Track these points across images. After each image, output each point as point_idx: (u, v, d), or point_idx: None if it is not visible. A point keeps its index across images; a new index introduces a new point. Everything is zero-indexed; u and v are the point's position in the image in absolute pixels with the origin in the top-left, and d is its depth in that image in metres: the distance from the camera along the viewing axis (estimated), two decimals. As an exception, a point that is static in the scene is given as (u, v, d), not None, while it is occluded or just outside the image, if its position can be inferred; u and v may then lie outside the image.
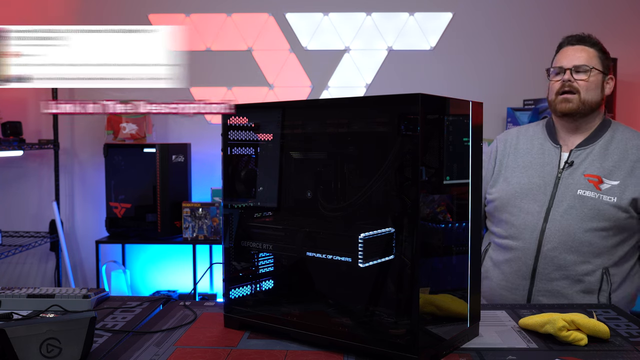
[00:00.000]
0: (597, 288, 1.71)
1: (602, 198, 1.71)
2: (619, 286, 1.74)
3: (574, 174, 1.76)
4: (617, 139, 1.80)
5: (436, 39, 3.57)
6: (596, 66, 1.79)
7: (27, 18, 3.64)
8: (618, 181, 1.72)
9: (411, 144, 1.11)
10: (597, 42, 1.83)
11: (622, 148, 1.77)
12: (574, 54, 1.80)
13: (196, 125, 3.65)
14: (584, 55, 1.80)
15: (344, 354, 1.21)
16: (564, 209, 1.74)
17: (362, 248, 1.16)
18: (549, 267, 1.73)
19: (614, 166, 1.74)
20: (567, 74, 1.78)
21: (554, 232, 1.73)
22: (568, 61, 1.80)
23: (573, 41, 1.83)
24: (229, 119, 1.40)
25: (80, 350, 1.15)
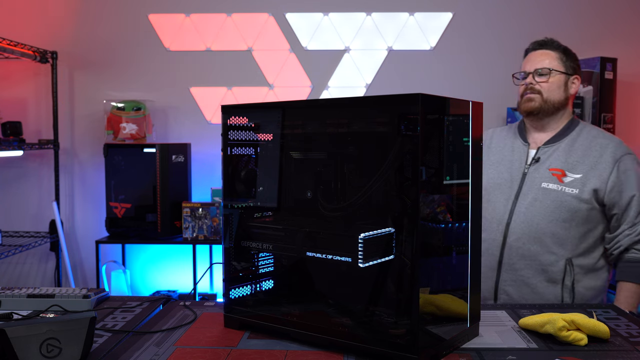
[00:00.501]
0: (560, 278, 1.79)
1: (565, 190, 1.80)
2: (584, 277, 1.81)
3: (540, 169, 1.87)
4: (582, 136, 1.89)
5: (436, 39, 3.57)
6: (557, 68, 1.90)
7: (27, 18, 3.64)
8: (581, 174, 1.81)
9: (411, 144, 1.11)
10: (560, 45, 1.96)
11: (587, 145, 1.86)
12: (536, 59, 1.93)
13: (196, 125, 3.65)
14: (545, 58, 1.92)
15: (344, 354, 1.21)
16: (528, 202, 1.84)
17: (362, 248, 1.16)
18: (514, 257, 1.83)
19: (577, 161, 1.84)
20: (530, 78, 1.91)
21: (519, 223, 1.83)
22: (530, 65, 1.93)
23: (536, 46, 1.97)
24: (229, 118, 1.40)
25: (80, 350, 1.15)
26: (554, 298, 1.80)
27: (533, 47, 1.98)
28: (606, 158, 1.81)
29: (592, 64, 3.24)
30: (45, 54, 3.51)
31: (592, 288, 1.82)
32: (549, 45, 1.95)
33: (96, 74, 3.66)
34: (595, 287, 1.83)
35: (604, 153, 1.82)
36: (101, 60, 3.66)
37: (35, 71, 3.65)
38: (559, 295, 1.79)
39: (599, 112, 3.22)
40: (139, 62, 3.65)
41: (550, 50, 1.94)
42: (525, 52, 2.00)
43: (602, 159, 1.81)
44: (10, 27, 3.56)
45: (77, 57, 3.66)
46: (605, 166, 1.80)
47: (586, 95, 3.27)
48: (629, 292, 1.79)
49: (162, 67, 3.64)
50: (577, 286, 1.79)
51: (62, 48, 3.61)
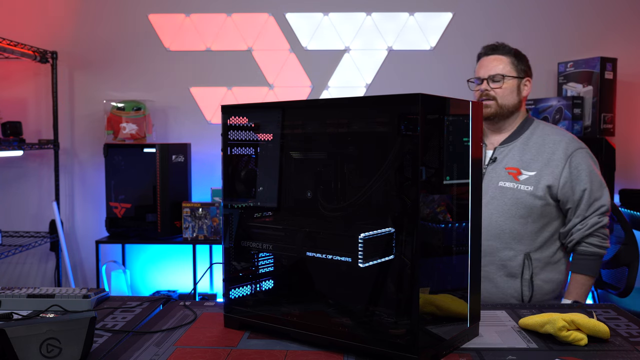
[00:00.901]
0: (519, 272, 1.85)
1: (520, 187, 1.86)
2: (542, 270, 1.88)
3: (497, 168, 1.92)
4: (536, 135, 1.95)
5: (436, 39, 3.57)
6: (509, 73, 1.96)
7: (27, 18, 3.64)
8: (535, 172, 1.87)
9: (411, 144, 1.11)
10: (511, 50, 2.00)
11: (540, 142, 1.92)
12: (489, 64, 1.99)
13: (196, 125, 3.66)
14: (498, 64, 1.98)
15: (344, 354, 1.21)
16: (487, 200, 1.89)
17: (362, 248, 1.16)
18: None
19: (531, 159, 1.90)
20: (484, 84, 1.97)
21: None
22: (484, 71, 1.99)
23: (488, 51, 2.01)
24: (229, 118, 1.40)
25: (80, 350, 1.15)
26: (514, 291, 1.86)
27: (485, 52, 2.02)
28: (559, 155, 1.87)
29: (592, 64, 3.24)
30: (45, 54, 3.51)
31: (550, 281, 1.88)
32: (500, 50, 2.00)
33: (96, 74, 3.66)
34: (554, 279, 1.89)
35: (556, 150, 1.88)
36: (101, 60, 3.66)
37: (35, 71, 3.65)
38: (518, 288, 1.85)
39: (599, 112, 3.22)
40: (139, 62, 3.65)
41: (502, 55, 1.99)
42: (478, 56, 2.05)
43: (554, 156, 1.87)
44: (10, 27, 3.56)
45: (77, 57, 3.66)
46: (557, 162, 1.86)
47: (586, 95, 3.26)
48: (578, 284, 1.86)
49: (162, 67, 3.64)
50: (535, 279, 1.86)
51: (62, 48, 3.61)
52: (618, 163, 3.20)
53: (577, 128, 3.23)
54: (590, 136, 3.23)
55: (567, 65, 3.38)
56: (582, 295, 1.86)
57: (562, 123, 3.25)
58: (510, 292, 1.85)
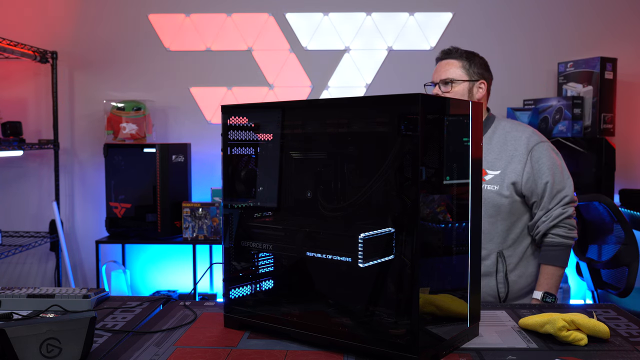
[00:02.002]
0: (493, 270, 1.87)
1: (487, 188, 1.87)
2: (516, 267, 1.89)
3: None
4: (498, 133, 1.95)
5: (436, 39, 3.57)
6: (459, 77, 1.97)
7: (27, 18, 3.64)
8: (499, 170, 1.88)
9: (411, 144, 1.11)
10: (462, 53, 2.01)
11: (502, 140, 1.92)
12: (441, 69, 2.01)
13: (196, 125, 3.66)
14: (449, 68, 1.99)
15: (344, 354, 1.21)
16: None
17: (362, 248, 1.16)
18: None
19: (495, 158, 1.90)
20: (436, 88, 1.99)
21: None
22: (437, 76, 2.01)
23: (442, 55, 2.03)
24: (229, 118, 1.40)
25: (80, 350, 1.15)
26: (489, 289, 1.87)
27: (439, 56, 2.04)
28: (520, 150, 1.88)
29: (592, 64, 3.24)
30: (45, 54, 3.51)
31: (524, 275, 1.90)
32: (452, 54, 2.01)
33: (96, 74, 3.67)
34: (528, 273, 1.91)
35: (518, 146, 1.89)
36: (101, 60, 3.66)
37: (35, 71, 3.65)
38: (494, 286, 1.87)
39: (599, 112, 3.22)
40: (139, 62, 3.65)
41: (454, 59, 2.00)
42: (436, 61, 2.07)
43: (517, 152, 1.88)
44: (10, 27, 3.56)
45: (77, 57, 3.66)
46: (520, 158, 1.87)
47: (586, 95, 3.27)
48: (548, 275, 1.87)
49: (162, 67, 3.64)
50: (510, 276, 1.87)
51: (62, 48, 3.61)
52: (618, 163, 3.20)
53: (577, 128, 3.23)
54: (590, 136, 3.23)
55: (567, 65, 3.38)
56: (553, 286, 1.87)
57: (562, 123, 3.25)
58: (486, 290, 1.86)
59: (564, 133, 3.23)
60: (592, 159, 3.17)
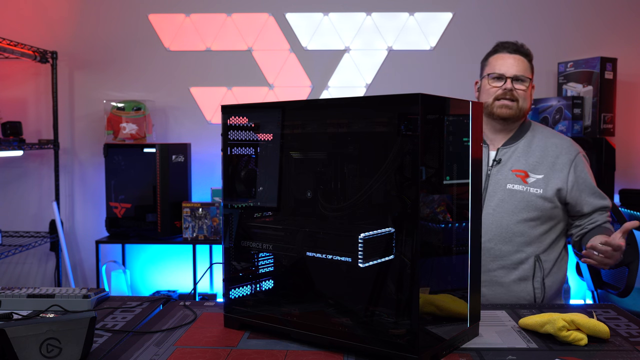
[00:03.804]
0: (531, 275, 1.85)
1: (530, 190, 1.86)
2: (550, 272, 1.89)
3: (502, 170, 1.91)
4: (537, 138, 1.95)
5: (436, 39, 3.57)
6: (530, 76, 1.94)
7: (27, 18, 3.64)
8: (542, 175, 1.87)
9: (411, 144, 1.11)
10: (530, 53, 1.97)
11: (543, 146, 1.92)
12: (513, 63, 1.92)
13: (196, 125, 3.66)
14: (522, 65, 1.93)
15: (344, 354, 1.21)
16: (495, 203, 1.87)
17: (362, 248, 1.16)
18: (487, 258, 1.86)
19: (537, 162, 1.89)
20: (509, 83, 1.90)
21: (489, 225, 1.85)
22: (508, 69, 1.91)
23: (511, 50, 1.95)
24: (229, 118, 1.40)
25: (80, 350, 1.15)
26: (526, 294, 1.86)
27: (508, 48, 1.96)
28: (562, 159, 1.88)
29: (592, 64, 3.24)
30: (45, 54, 3.51)
31: (557, 281, 1.90)
32: (522, 52, 1.95)
33: (96, 74, 3.66)
34: (559, 279, 1.92)
35: (560, 153, 1.89)
36: (101, 60, 3.66)
37: (35, 71, 3.65)
38: (531, 291, 1.85)
39: (599, 112, 3.22)
40: (139, 62, 3.65)
41: (524, 57, 1.95)
42: (494, 51, 1.98)
43: (558, 160, 1.88)
44: (10, 27, 3.56)
45: (77, 57, 3.66)
46: (562, 167, 1.88)
47: (586, 95, 3.26)
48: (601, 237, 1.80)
49: (162, 67, 3.64)
50: (546, 281, 1.86)
51: (62, 48, 3.61)
52: (618, 163, 3.20)
53: (577, 128, 3.23)
54: (590, 136, 3.23)
55: (567, 65, 3.38)
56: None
57: (562, 123, 3.25)
58: (522, 295, 1.84)
59: (564, 133, 3.23)
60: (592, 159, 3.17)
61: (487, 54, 2.02)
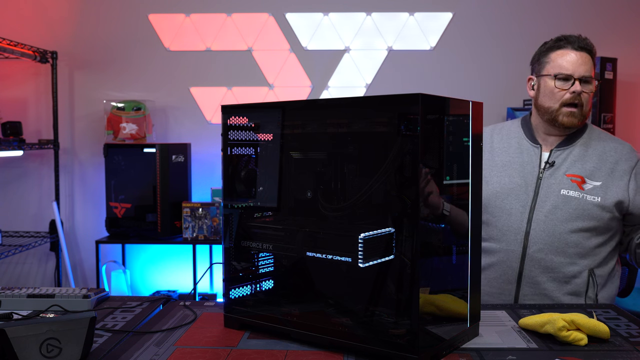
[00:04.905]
0: (584, 290, 1.70)
1: (586, 198, 1.70)
2: (603, 287, 1.74)
3: (556, 174, 1.75)
4: (594, 140, 1.80)
5: (436, 39, 3.57)
6: (595, 76, 1.76)
7: (27, 18, 3.64)
8: (600, 182, 1.72)
9: (411, 144, 1.11)
10: (594, 49, 1.79)
11: (600, 150, 1.77)
12: (580, 61, 1.73)
13: (196, 125, 3.66)
14: (589, 64, 1.74)
15: (344, 354, 1.21)
16: (548, 209, 1.72)
17: (362, 248, 1.16)
18: (536, 269, 1.71)
19: (594, 167, 1.74)
20: (578, 85, 1.71)
21: (539, 233, 1.71)
22: (575, 69, 1.73)
23: (576, 46, 1.75)
24: (229, 118, 1.40)
25: (80, 350, 1.15)
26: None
27: (574, 44, 1.75)
28: (622, 166, 1.74)
29: (592, 64, 3.24)
30: (45, 54, 3.51)
31: (609, 297, 1.77)
32: (587, 49, 1.75)
33: (96, 74, 3.67)
34: (612, 295, 1.78)
35: (619, 160, 1.75)
36: (101, 60, 3.66)
37: (35, 71, 3.65)
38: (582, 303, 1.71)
39: (599, 112, 3.22)
40: (139, 62, 3.65)
41: (589, 54, 1.75)
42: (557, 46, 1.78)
43: (618, 167, 1.74)
44: (10, 27, 3.56)
45: (77, 57, 3.66)
46: (622, 174, 1.73)
47: (586, 95, 3.26)
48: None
49: (162, 67, 3.64)
50: (599, 297, 1.72)
51: (62, 48, 3.61)
52: (618, 163, 3.20)
53: (577, 128, 3.23)
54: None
55: (567, 65, 3.38)
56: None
57: (562, 123, 3.25)
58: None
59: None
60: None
61: (547, 48, 1.81)
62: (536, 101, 1.84)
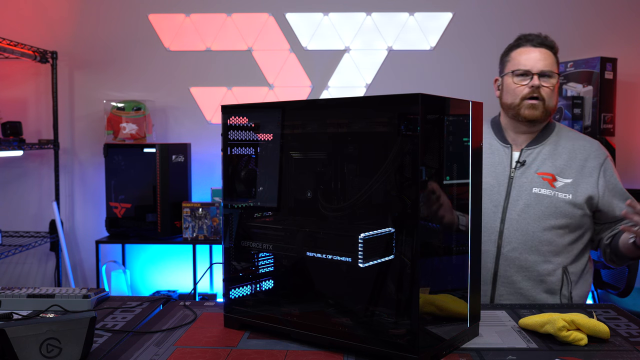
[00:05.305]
0: (558, 287, 1.73)
1: (558, 195, 1.73)
2: (576, 284, 1.76)
3: (527, 173, 1.78)
4: (563, 139, 1.83)
5: (436, 39, 3.57)
6: (556, 71, 1.79)
7: (27, 18, 3.64)
8: (571, 179, 1.75)
9: (411, 144, 1.11)
10: (555, 45, 1.83)
11: (570, 148, 1.80)
12: (539, 57, 1.78)
13: (196, 125, 3.66)
14: (549, 59, 1.78)
15: (344, 354, 1.21)
16: (520, 208, 1.74)
17: (362, 248, 1.16)
18: (511, 269, 1.73)
19: (565, 165, 1.77)
20: (536, 79, 1.75)
21: (513, 232, 1.73)
22: (533, 64, 1.77)
23: (535, 43, 1.80)
24: (229, 118, 1.40)
25: (80, 350, 1.15)
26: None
27: (532, 41, 1.80)
28: (591, 162, 1.77)
29: (592, 64, 3.24)
30: (45, 54, 3.51)
31: (582, 295, 1.79)
32: (547, 45, 1.80)
33: (96, 74, 3.67)
34: (585, 291, 1.80)
35: (588, 157, 1.78)
36: (101, 60, 3.66)
37: (35, 71, 3.65)
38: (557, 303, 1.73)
39: (599, 112, 3.22)
40: (139, 62, 3.65)
41: (550, 50, 1.80)
42: (516, 45, 1.84)
43: (587, 164, 1.77)
44: (10, 27, 3.56)
45: (77, 57, 3.66)
46: (591, 171, 1.76)
47: (586, 95, 3.27)
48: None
49: (162, 67, 3.64)
50: (573, 294, 1.75)
51: (62, 48, 3.61)
52: (618, 163, 3.19)
53: (577, 128, 3.23)
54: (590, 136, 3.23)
55: (567, 65, 3.38)
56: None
57: (562, 123, 3.25)
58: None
59: (564, 133, 3.23)
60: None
61: (508, 47, 1.87)
62: (501, 100, 1.90)
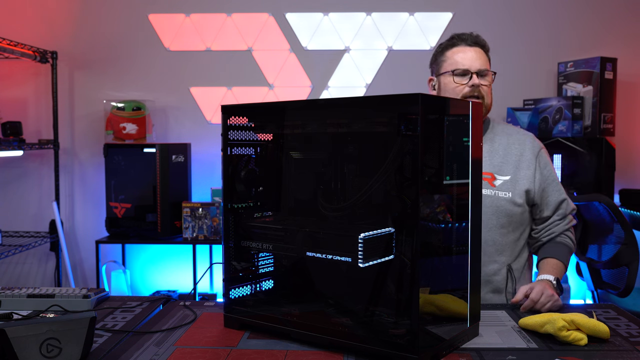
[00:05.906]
0: (504, 287, 1.73)
1: (498, 194, 1.72)
2: (519, 281, 1.76)
3: None
4: (498, 135, 1.81)
5: (436, 39, 3.57)
6: (490, 69, 1.79)
7: (27, 18, 3.64)
8: (509, 176, 1.74)
9: (411, 144, 1.11)
10: (486, 44, 1.82)
11: (505, 144, 1.79)
12: (475, 56, 1.77)
13: (196, 125, 3.66)
14: (483, 58, 1.78)
15: (344, 354, 1.21)
16: None
17: (362, 248, 1.16)
18: None
19: (502, 162, 1.76)
20: (475, 78, 1.74)
21: None
22: (471, 64, 1.76)
23: (470, 42, 1.79)
24: (229, 118, 1.40)
25: (80, 350, 1.15)
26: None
27: (467, 40, 1.79)
28: (527, 156, 1.76)
29: (592, 64, 3.24)
30: (45, 54, 3.51)
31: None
32: (480, 43, 1.80)
33: (96, 74, 3.67)
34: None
35: (523, 150, 1.77)
36: (101, 60, 3.66)
37: (35, 71, 3.65)
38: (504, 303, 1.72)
39: (599, 112, 3.22)
40: (139, 62, 3.65)
41: (482, 49, 1.79)
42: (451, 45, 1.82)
43: (523, 157, 1.76)
44: (10, 27, 3.56)
45: (77, 57, 3.66)
46: (527, 164, 1.75)
47: (586, 95, 3.27)
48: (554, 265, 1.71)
49: (162, 67, 3.64)
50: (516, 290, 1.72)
51: (62, 48, 3.61)
52: (618, 163, 3.20)
53: (577, 128, 3.23)
54: (590, 136, 3.23)
55: (567, 65, 3.38)
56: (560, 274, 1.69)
57: (562, 123, 3.25)
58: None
59: (564, 133, 3.23)
60: (592, 159, 3.17)
61: (442, 47, 1.85)
62: None
